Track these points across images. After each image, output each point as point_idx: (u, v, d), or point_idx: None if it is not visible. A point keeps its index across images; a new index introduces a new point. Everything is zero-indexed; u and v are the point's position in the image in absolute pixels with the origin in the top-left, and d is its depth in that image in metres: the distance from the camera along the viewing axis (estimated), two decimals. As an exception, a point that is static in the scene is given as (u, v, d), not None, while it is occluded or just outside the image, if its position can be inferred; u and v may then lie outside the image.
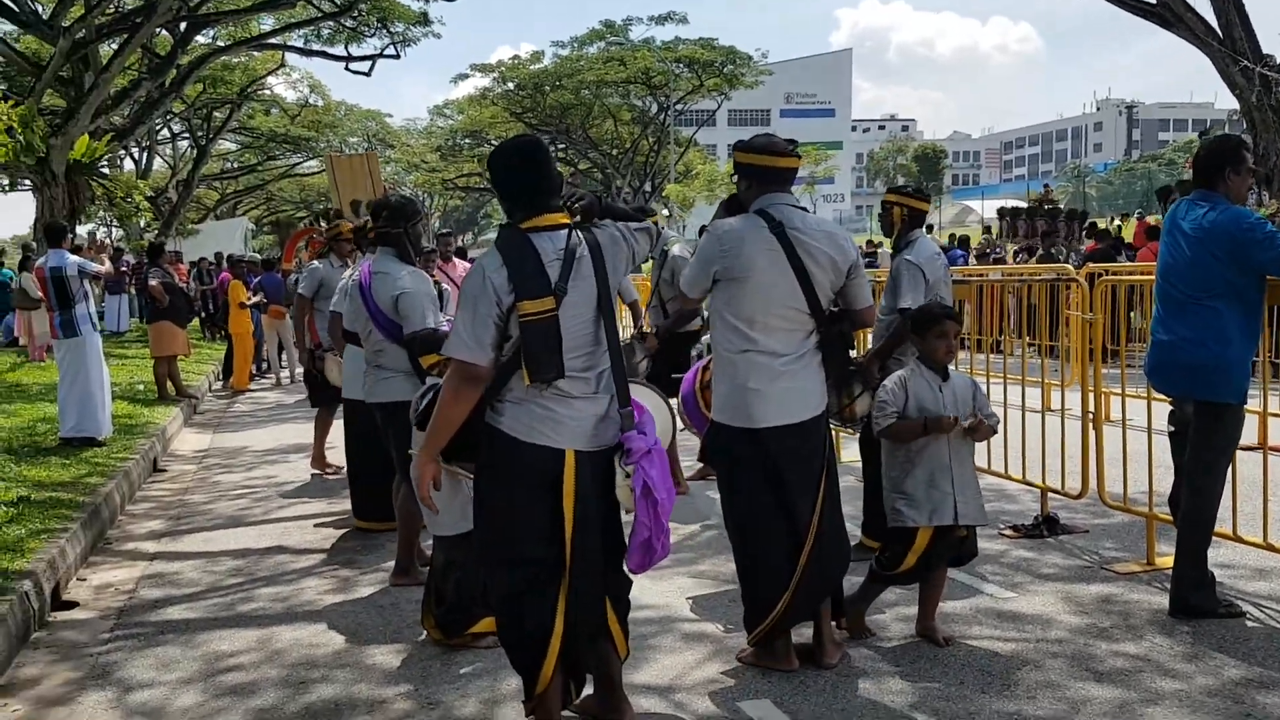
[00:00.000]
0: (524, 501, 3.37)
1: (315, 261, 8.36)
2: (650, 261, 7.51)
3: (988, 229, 21.62)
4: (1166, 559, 5.32)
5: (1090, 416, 5.77)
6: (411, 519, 5.42)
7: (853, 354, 4.21)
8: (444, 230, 9.73)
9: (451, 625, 4.50)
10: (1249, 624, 4.46)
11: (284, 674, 4.33)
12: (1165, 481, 5.50)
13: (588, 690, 3.77)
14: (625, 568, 3.49)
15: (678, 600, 4.99)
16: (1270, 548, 4.83)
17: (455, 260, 11.05)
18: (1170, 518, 5.21)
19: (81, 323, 9.07)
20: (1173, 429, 5.06)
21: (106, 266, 11.41)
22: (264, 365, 16.67)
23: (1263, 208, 14.00)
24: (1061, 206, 23.33)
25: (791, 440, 3.97)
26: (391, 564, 5.73)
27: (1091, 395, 5.81)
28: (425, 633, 4.63)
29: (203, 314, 21.36)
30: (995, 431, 4.53)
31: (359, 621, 4.93)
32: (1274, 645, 4.21)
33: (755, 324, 3.97)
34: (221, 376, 15.65)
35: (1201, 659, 4.12)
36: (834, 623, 4.28)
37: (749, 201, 4.08)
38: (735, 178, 4.22)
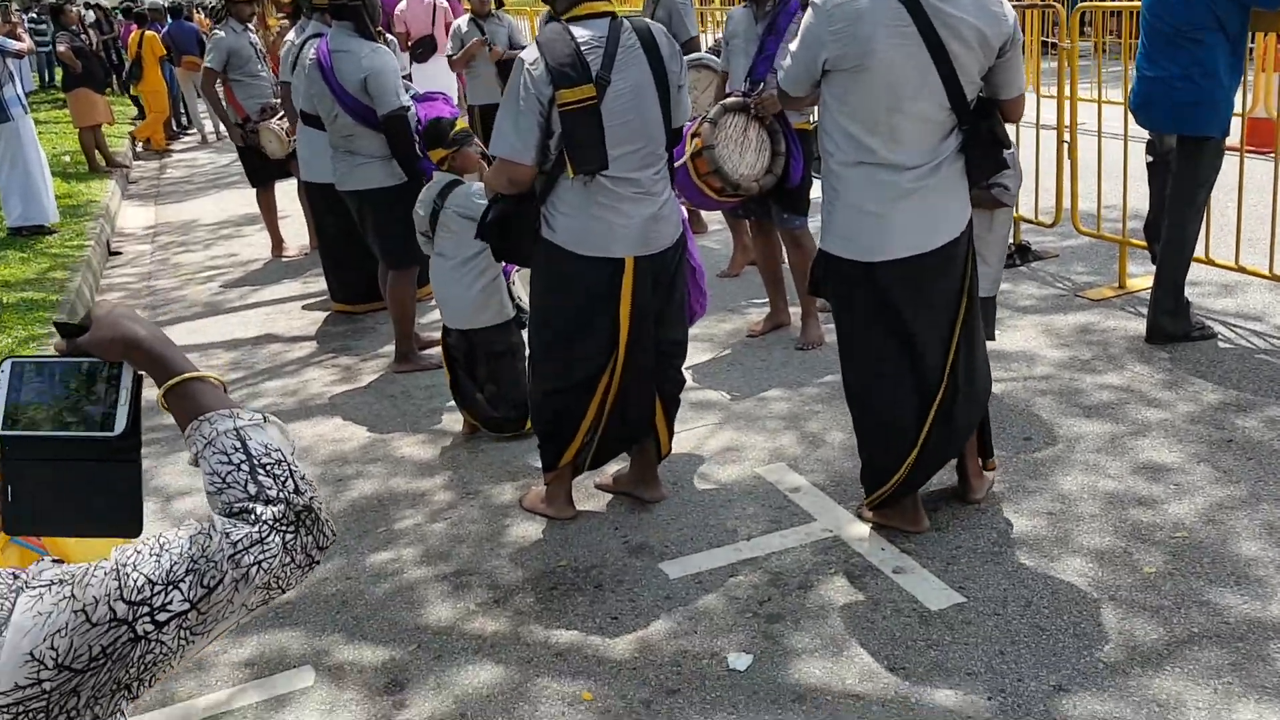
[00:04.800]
0: (582, 312, 3.48)
1: (217, 30, 7.84)
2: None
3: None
4: (1137, 280, 5.59)
5: (1066, 145, 5.83)
6: (404, 305, 5.45)
7: (1007, 155, 3.34)
8: None
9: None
10: (1221, 345, 4.76)
11: (319, 472, 4.49)
12: (1135, 201, 5.68)
13: (623, 466, 4.01)
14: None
15: (679, 365, 5.17)
16: (1242, 269, 5.08)
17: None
18: (1144, 244, 5.43)
19: (11, 106, 8.61)
20: (1150, 159, 5.18)
21: (27, 43, 10.64)
22: (184, 121, 15.97)
23: None
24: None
25: (922, 273, 3.19)
26: (385, 348, 5.83)
27: (1068, 125, 5.84)
28: (440, 419, 4.80)
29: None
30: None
31: (375, 413, 5.06)
32: (1246, 366, 4.52)
33: (877, 128, 3.10)
34: (142, 143, 15.00)
35: (1181, 385, 4.42)
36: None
37: None
38: None
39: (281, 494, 1.24)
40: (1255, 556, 3.19)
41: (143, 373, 1.32)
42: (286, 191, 8.20)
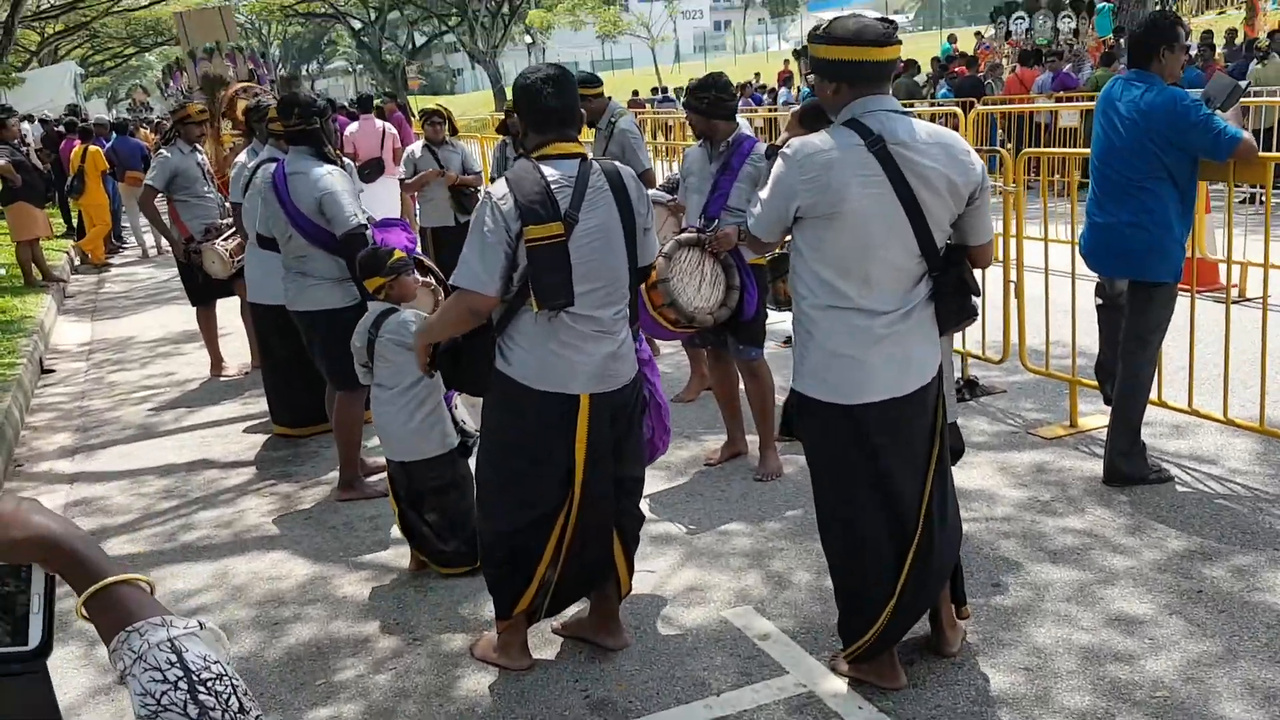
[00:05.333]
0: (537, 447, 3.39)
1: (163, 150, 7.75)
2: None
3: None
4: (1088, 419, 5.61)
5: (1013, 285, 5.91)
6: (350, 429, 5.28)
7: (976, 302, 3.34)
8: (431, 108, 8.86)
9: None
10: (1179, 489, 4.74)
11: (253, 614, 4.24)
12: (1081, 339, 5.72)
13: (582, 609, 3.84)
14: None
15: (635, 499, 5.03)
16: (1195, 413, 5.11)
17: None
18: (1094, 383, 5.46)
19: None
20: (1100, 301, 5.24)
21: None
22: (125, 235, 15.78)
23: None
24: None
25: (896, 416, 3.16)
26: (328, 474, 5.63)
27: (1015, 265, 5.92)
28: (384, 553, 4.58)
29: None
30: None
31: (315, 546, 4.82)
32: (1207, 512, 4.49)
33: (849, 274, 3.09)
34: (80, 256, 14.77)
35: (1144, 531, 4.37)
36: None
37: (836, 109, 3.14)
38: (811, 77, 3.37)
39: (226, 715, 1.10)
40: (1240, 719, 3.09)
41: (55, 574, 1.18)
42: (229, 308, 8.01)
